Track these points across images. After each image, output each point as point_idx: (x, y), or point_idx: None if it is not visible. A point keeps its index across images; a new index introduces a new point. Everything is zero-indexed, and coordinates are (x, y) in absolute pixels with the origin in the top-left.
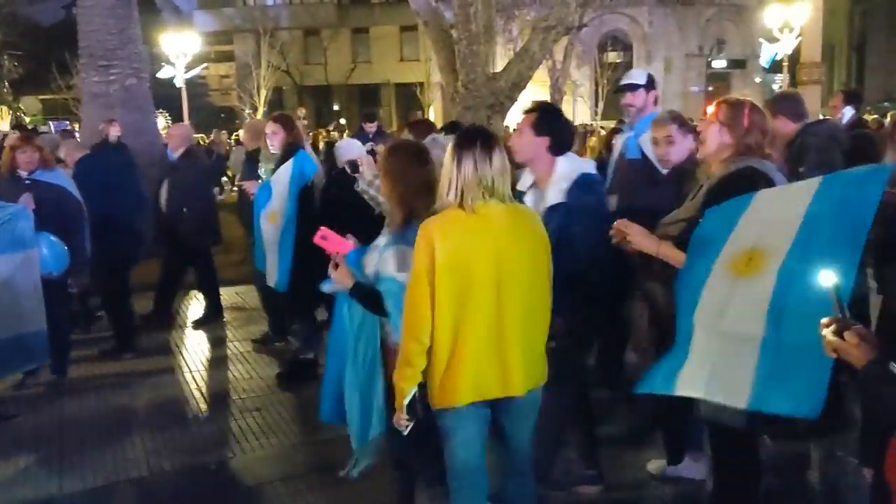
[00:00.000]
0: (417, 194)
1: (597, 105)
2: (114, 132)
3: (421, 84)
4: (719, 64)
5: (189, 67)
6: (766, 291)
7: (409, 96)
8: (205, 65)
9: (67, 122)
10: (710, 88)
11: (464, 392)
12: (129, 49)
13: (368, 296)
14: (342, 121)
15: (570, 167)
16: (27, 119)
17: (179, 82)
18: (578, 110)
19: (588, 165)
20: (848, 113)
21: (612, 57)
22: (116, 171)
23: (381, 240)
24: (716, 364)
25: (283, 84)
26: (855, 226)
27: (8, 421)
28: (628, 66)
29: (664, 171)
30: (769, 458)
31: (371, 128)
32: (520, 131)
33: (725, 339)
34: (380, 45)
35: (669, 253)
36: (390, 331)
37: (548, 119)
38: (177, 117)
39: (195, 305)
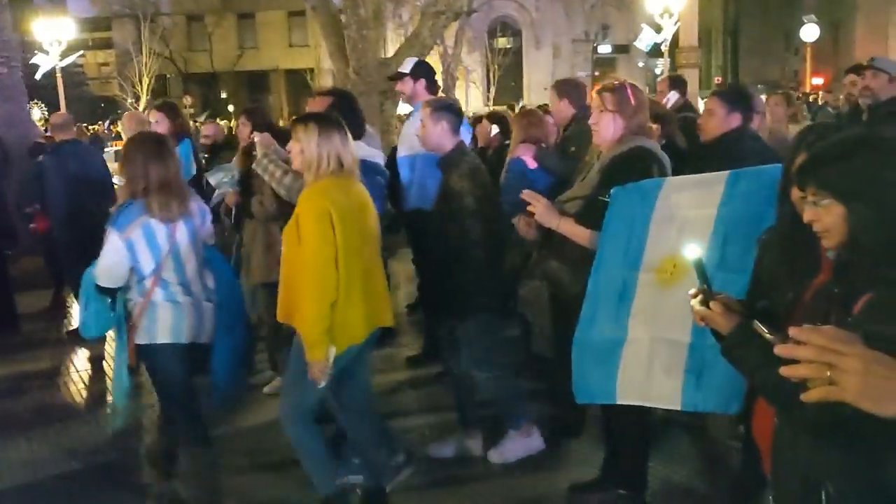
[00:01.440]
0: (149, 182)
1: (489, 90)
2: None
3: (311, 70)
4: (605, 49)
5: (64, 55)
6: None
7: (299, 83)
8: (81, 52)
9: None
10: (597, 73)
11: (363, 329)
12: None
13: None
14: (230, 108)
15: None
16: None
17: (40, 74)
18: (471, 96)
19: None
20: (673, 97)
21: (503, 42)
22: None
23: None
24: (650, 370)
25: (166, 72)
26: (760, 224)
27: None
28: (518, 51)
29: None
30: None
31: None
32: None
33: (657, 345)
34: (267, 30)
35: (570, 229)
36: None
37: (341, 106)
38: (53, 108)
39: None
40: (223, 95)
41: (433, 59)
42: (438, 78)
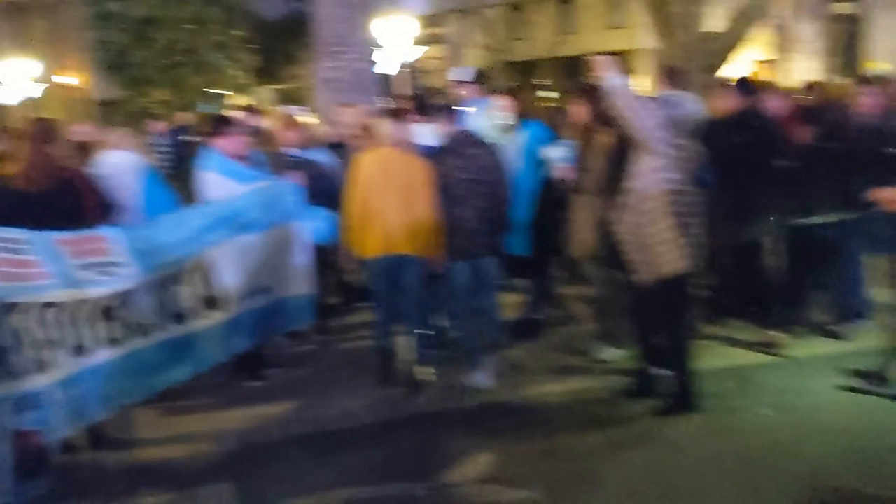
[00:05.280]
0: None
1: (827, 62)
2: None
3: (628, 52)
4: None
5: (408, 53)
6: None
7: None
8: (426, 48)
9: (309, 109)
10: None
11: (378, 248)
12: (357, 35)
13: None
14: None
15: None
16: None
17: (386, 70)
18: (805, 68)
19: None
20: None
21: (842, 7)
22: None
23: None
24: None
25: (490, 62)
26: None
27: (273, 369)
28: (861, 17)
29: None
30: None
31: None
32: None
33: None
34: (586, 14)
35: None
36: None
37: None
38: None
39: None
40: (541, 82)
41: (766, 31)
42: (770, 50)
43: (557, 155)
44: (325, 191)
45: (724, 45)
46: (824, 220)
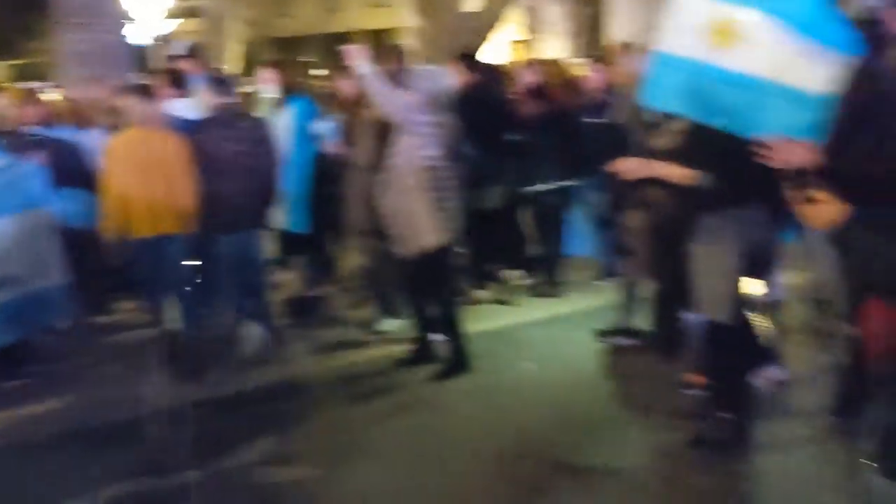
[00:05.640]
0: None
1: (574, 44)
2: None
3: (391, 30)
4: None
5: (161, 26)
6: None
7: (381, 43)
8: (181, 20)
9: (53, 85)
10: None
11: (142, 229)
12: (106, 6)
13: None
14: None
15: None
16: None
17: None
18: (554, 48)
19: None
20: None
21: None
22: None
23: None
24: None
25: (253, 38)
26: None
27: (31, 366)
28: (595, 2)
29: None
30: None
31: None
32: None
33: None
34: None
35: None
36: None
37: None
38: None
39: None
40: (307, 59)
41: (517, 13)
42: (523, 31)
43: (326, 130)
44: (76, 171)
45: (482, 24)
46: (551, 188)
